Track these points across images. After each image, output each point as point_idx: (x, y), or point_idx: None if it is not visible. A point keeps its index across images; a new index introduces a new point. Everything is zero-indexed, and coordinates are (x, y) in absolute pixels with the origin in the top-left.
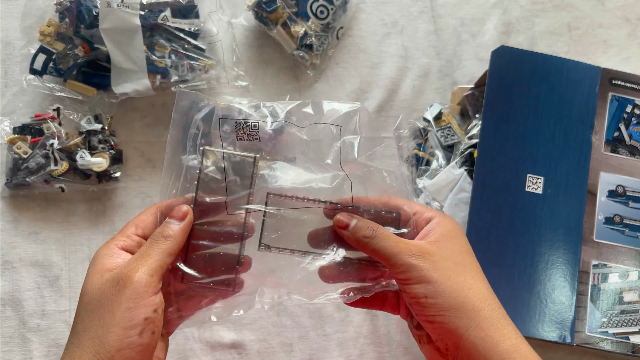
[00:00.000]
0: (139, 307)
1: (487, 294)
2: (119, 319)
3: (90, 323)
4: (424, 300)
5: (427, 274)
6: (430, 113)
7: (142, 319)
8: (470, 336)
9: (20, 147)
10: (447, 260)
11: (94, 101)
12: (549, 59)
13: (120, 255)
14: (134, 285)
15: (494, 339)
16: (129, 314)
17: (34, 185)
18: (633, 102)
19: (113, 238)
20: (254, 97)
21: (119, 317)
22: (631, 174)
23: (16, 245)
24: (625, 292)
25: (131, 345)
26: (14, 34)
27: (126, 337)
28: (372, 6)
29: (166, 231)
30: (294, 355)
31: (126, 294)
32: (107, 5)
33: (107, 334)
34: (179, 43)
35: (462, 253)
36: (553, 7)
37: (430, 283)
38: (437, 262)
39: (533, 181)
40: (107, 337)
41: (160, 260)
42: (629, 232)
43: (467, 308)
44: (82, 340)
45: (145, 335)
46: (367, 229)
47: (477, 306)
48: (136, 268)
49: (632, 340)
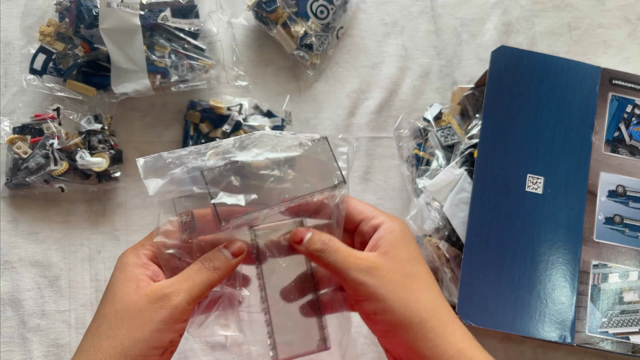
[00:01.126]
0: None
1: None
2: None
3: (118, 332)
4: (373, 316)
5: (374, 291)
6: (430, 113)
7: (168, 342)
8: (420, 348)
9: (20, 147)
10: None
11: (93, 101)
12: (549, 59)
13: (150, 266)
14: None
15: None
16: (159, 335)
17: (33, 185)
18: (633, 102)
19: (141, 245)
20: (254, 97)
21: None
22: (631, 174)
23: (16, 245)
24: (625, 292)
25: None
26: (13, 34)
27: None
28: (372, 6)
29: (216, 262)
30: None
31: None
32: (107, 5)
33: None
34: (179, 43)
35: (411, 261)
36: (553, 7)
37: (378, 300)
38: (384, 277)
39: (533, 181)
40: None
41: (202, 290)
42: (629, 232)
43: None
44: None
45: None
46: (319, 242)
47: (424, 318)
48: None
49: (632, 340)
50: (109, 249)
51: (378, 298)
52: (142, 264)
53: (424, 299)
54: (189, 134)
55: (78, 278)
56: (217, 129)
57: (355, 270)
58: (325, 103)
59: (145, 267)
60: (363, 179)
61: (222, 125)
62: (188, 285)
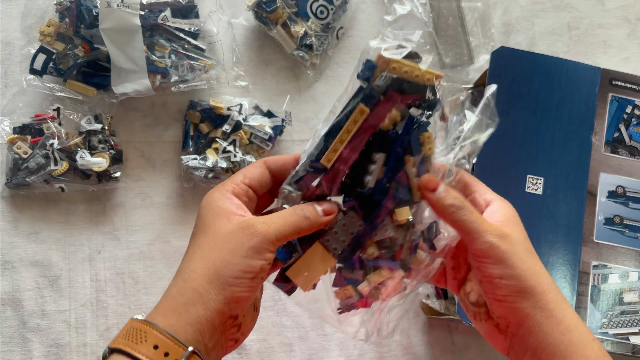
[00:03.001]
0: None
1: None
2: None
3: (211, 255)
4: (497, 280)
5: (505, 257)
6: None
7: (259, 268)
8: (537, 316)
9: (20, 147)
10: (521, 244)
11: (94, 101)
12: (549, 60)
13: (233, 200)
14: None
15: (557, 318)
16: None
17: (34, 185)
18: (633, 102)
19: (224, 184)
20: (254, 97)
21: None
22: (631, 174)
23: (16, 245)
24: (625, 292)
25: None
26: (14, 34)
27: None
28: (372, 6)
29: (308, 213)
30: (294, 355)
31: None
32: (107, 5)
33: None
34: (179, 43)
35: (527, 239)
36: (553, 7)
37: (507, 266)
38: (514, 246)
39: (533, 182)
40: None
41: (292, 231)
42: (629, 233)
43: (537, 291)
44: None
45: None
46: (455, 198)
47: (545, 289)
48: (270, 224)
49: (632, 341)
50: (109, 249)
51: (508, 264)
52: (226, 197)
53: (543, 273)
54: (189, 134)
55: (78, 278)
56: (217, 129)
57: (491, 234)
58: (325, 103)
59: (231, 201)
60: None
61: (222, 125)
62: (280, 222)
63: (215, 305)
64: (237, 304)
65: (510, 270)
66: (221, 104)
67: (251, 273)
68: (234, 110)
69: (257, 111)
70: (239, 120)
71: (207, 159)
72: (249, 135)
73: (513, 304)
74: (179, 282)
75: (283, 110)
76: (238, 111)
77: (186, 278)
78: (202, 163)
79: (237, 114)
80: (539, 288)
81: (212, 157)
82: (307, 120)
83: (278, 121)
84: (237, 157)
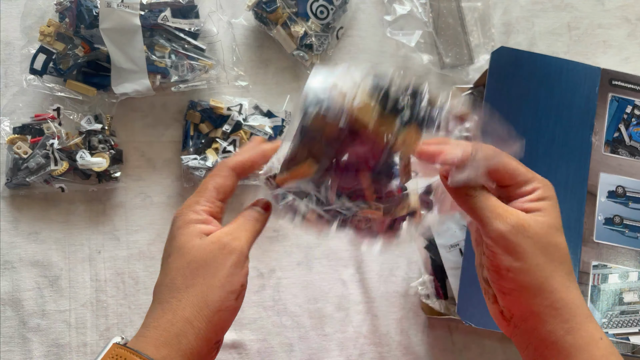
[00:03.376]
0: (239, 274)
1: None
2: (224, 282)
3: (194, 281)
4: (505, 272)
5: (517, 250)
6: None
7: (240, 285)
8: (542, 313)
9: (20, 147)
10: (540, 237)
11: (94, 101)
12: (549, 60)
13: (211, 221)
14: (237, 252)
15: (564, 317)
16: (231, 278)
17: (34, 185)
18: (633, 102)
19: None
20: (254, 97)
21: (223, 281)
22: (631, 174)
23: (16, 245)
24: (625, 292)
25: (229, 308)
26: (14, 34)
27: (227, 300)
28: (372, 6)
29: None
30: (294, 355)
31: (232, 259)
32: (107, 5)
33: (210, 294)
34: (179, 43)
35: (555, 230)
36: (553, 7)
37: (518, 259)
38: (530, 238)
39: None
40: (210, 297)
41: (253, 236)
42: (629, 233)
43: (546, 289)
44: (185, 295)
45: (239, 300)
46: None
47: (556, 288)
48: (239, 238)
49: (632, 341)
50: (109, 249)
51: (518, 256)
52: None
53: (560, 270)
54: (189, 134)
55: (78, 278)
56: (217, 129)
57: (503, 223)
58: None
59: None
60: None
61: (222, 125)
62: (245, 233)
63: (205, 333)
64: (223, 329)
65: (519, 264)
66: (221, 104)
67: (234, 293)
68: (234, 110)
69: (257, 111)
70: (239, 120)
71: (207, 159)
72: (249, 135)
73: (520, 299)
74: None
75: (283, 110)
76: (238, 111)
77: (175, 308)
78: (202, 163)
79: (237, 114)
80: (547, 286)
81: (212, 157)
82: None
83: (278, 121)
84: None
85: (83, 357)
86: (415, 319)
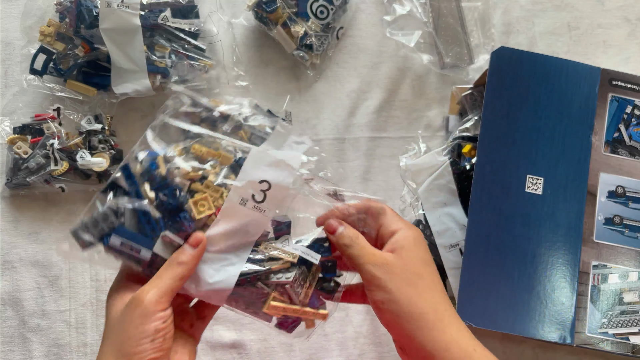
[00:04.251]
0: (149, 322)
1: (436, 299)
2: (132, 334)
3: (111, 339)
4: (381, 305)
5: (384, 284)
6: None
7: (153, 331)
8: (418, 336)
9: (20, 147)
10: (404, 271)
11: (94, 101)
12: (549, 60)
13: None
14: (144, 305)
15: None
16: (140, 328)
17: (34, 185)
18: (633, 102)
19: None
20: (254, 97)
21: (131, 333)
22: (631, 174)
23: (16, 245)
24: (625, 292)
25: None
26: (14, 34)
27: (140, 345)
28: (372, 6)
29: (180, 257)
30: (294, 355)
31: (137, 312)
32: (108, 5)
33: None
34: (179, 43)
35: (420, 263)
36: (553, 7)
37: (386, 292)
38: (395, 274)
39: (533, 182)
40: (124, 347)
41: (172, 284)
42: (629, 233)
43: (415, 313)
44: (105, 350)
45: (157, 341)
46: (348, 237)
47: (424, 312)
48: (148, 290)
49: (632, 341)
50: None
51: (386, 290)
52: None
53: (426, 296)
54: None
55: (78, 278)
56: None
57: (371, 265)
58: (325, 103)
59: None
60: (363, 178)
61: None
62: (156, 283)
63: None
64: None
65: (389, 295)
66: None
67: (148, 337)
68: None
69: (257, 111)
70: (239, 120)
71: None
72: (249, 135)
73: (397, 328)
74: None
75: (283, 110)
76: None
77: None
78: None
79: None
80: (416, 311)
81: None
82: (307, 120)
83: None
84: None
85: (83, 357)
86: None
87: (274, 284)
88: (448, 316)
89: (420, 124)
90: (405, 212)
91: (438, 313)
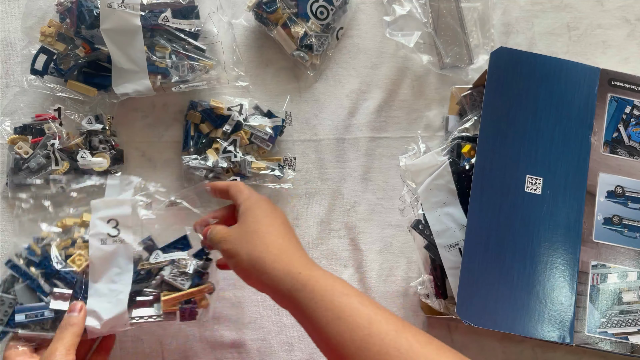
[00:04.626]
0: None
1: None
2: None
3: None
4: (234, 268)
5: (232, 251)
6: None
7: None
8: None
9: (21, 147)
10: (242, 234)
11: (94, 101)
12: (548, 60)
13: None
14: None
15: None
16: None
17: (34, 185)
18: (632, 102)
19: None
20: (254, 98)
21: None
22: (630, 174)
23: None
24: (624, 292)
25: None
26: (15, 35)
27: None
28: (372, 7)
29: (71, 320)
30: (294, 355)
31: None
32: (108, 5)
33: None
34: (180, 43)
35: (254, 223)
36: (552, 7)
37: (232, 256)
38: (236, 239)
39: (532, 182)
40: None
41: (72, 339)
42: (628, 233)
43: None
44: None
45: None
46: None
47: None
48: (56, 348)
49: (631, 341)
50: None
51: (231, 254)
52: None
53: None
54: (189, 134)
55: None
56: (218, 129)
57: (219, 241)
58: (325, 103)
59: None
60: (363, 179)
61: (222, 125)
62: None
63: None
64: None
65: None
66: (221, 104)
67: None
68: (234, 110)
69: (257, 111)
70: (240, 121)
71: (207, 159)
72: (250, 135)
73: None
74: None
75: (283, 111)
76: (238, 111)
77: None
78: (203, 163)
79: (237, 114)
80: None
81: (213, 157)
82: (307, 121)
83: (278, 121)
84: (238, 157)
85: None
86: (414, 318)
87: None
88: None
89: (420, 124)
90: (405, 212)
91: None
